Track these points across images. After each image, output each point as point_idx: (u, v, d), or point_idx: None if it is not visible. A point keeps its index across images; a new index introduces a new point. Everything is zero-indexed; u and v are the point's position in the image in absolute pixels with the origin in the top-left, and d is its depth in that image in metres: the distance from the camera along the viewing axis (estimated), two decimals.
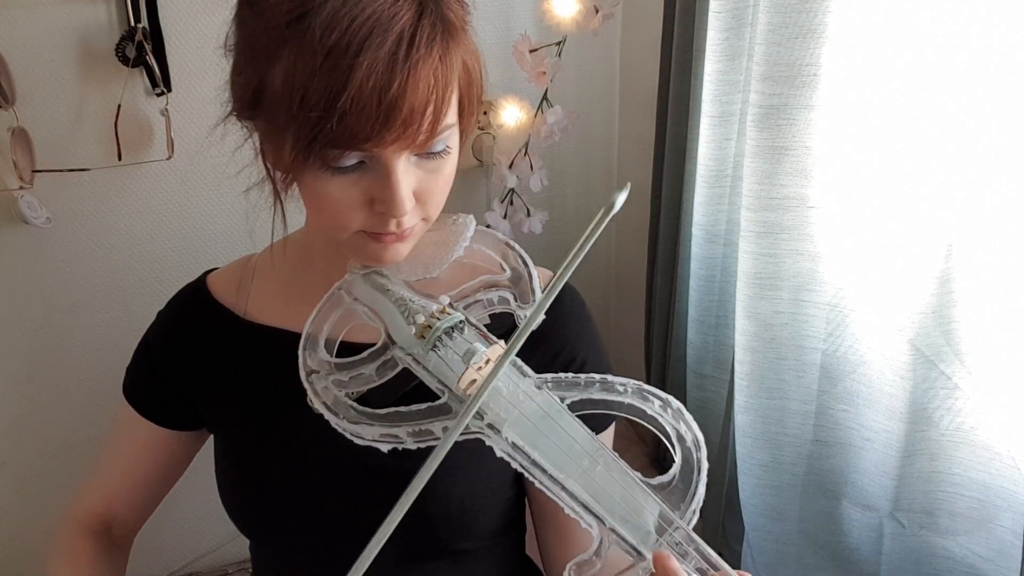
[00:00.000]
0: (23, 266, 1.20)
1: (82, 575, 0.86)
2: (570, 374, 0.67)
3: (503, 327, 0.72)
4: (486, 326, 0.70)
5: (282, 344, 0.77)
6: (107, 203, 1.22)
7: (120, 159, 1.18)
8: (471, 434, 0.64)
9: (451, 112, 0.66)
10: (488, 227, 1.04)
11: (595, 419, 0.66)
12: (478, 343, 0.66)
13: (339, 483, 0.78)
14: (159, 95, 1.18)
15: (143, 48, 1.14)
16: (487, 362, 0.65)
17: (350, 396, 0.69)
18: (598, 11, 1.27)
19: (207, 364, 0.84)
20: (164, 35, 1.16)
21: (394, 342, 0.69)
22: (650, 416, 0.65)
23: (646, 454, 1.55)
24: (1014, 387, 0.89)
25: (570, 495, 0.63)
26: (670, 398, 0.66)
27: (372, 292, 0.72)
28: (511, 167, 1.38)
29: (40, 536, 1.27)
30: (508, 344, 0.58)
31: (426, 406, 0.66)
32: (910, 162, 0.92)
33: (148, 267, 1.28)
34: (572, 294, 0.82)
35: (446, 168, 0.69)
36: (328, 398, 0.68)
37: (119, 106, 1.16)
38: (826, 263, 1.03)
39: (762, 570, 1.20)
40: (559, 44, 1.32)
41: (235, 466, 0.83)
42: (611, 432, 0.82)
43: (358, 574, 0.56)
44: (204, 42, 1.19)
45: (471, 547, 0.81)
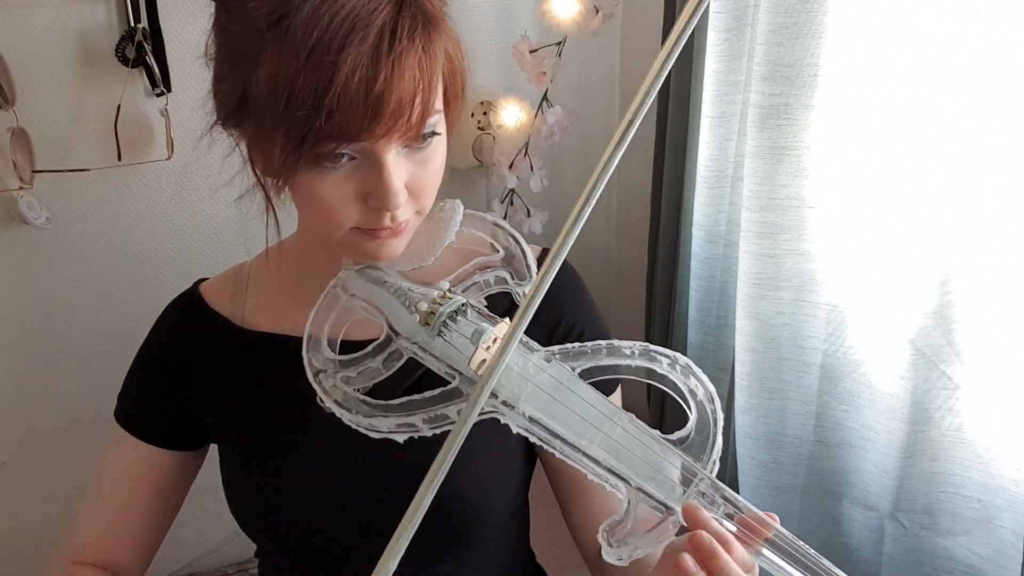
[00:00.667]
0: (23, 266, 1.20)
1: None
2: (576, 344, 0.68)
3: (499, 308, 0.72)
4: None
5: (283, 349, 0.77)
6: (107, 203, 1.22)
7: (120, 159, 1.18)
8: (487, 414, 0.64)
9: (437, 101, 0.67)
10: None
11: (603, 383, 0.66)
12: (484, 323, 0.67)
13: (352, 481, 0.77)
14: (159, 95, 1.18)
15: (143, 48, 1.14)
16: (495, 341, 0.65)
17: (359, 392, 0.69)
18: (598, 11, 1.27)
19: (208, 373, 0.83)
20: (164, 35, 1.16)
21: (397, 333, 0.69)
22: (660, 375, 0.66)
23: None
24: (1014, 387, 0.89)
25: (593, 460, 0.64)
26: (677, 355, 0.66)
27: (369, 286, 0.72)
28: (511, 167, 1.38)
29: (39, 537, 1.27)
30: (514, 320, 0.58)
31: (439, 391, 0.67)
32: (910, 162, 0.92)
33: (148, 267, 1.28)
34: (563, 266, 0.81)
35: (436, 158, 0.70)
36: (338, 395, 0.69)
37: (119, 106, 1.16)
38: (826, 263, 1.03)
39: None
40: (559, 44, 1.32)
41: (244, 472, 0.82)
42: (619, 394, 0.82)
43: (393, 562, 0.55)
44: (204, 42, 1.19)
45: (482, 536, 0.81)
